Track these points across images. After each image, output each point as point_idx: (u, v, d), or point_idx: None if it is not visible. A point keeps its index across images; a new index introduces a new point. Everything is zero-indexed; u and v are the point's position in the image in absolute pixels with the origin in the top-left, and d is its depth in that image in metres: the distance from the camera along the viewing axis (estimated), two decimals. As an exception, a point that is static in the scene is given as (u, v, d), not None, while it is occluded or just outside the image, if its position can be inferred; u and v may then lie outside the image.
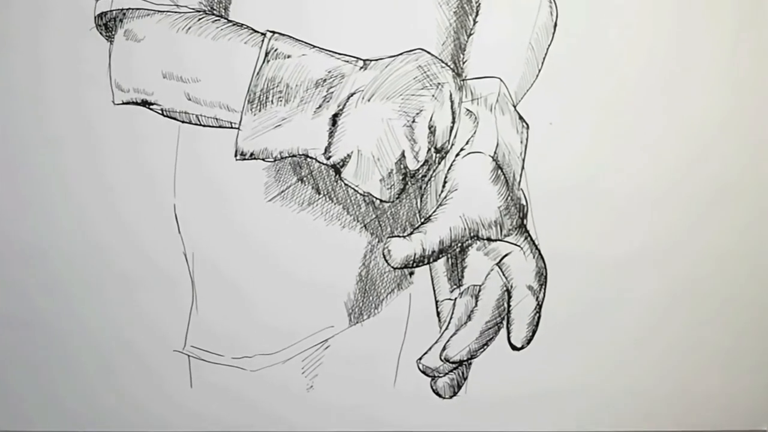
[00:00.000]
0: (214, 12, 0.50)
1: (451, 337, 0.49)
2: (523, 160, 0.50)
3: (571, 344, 0.56)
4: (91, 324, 0.54)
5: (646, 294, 0.56)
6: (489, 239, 0.49)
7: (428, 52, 0.48)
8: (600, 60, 0.53)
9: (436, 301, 0.51)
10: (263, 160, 0.48)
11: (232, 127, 0.49)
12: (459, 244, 0.48)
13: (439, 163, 0.49)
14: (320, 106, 0.47)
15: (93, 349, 0.54)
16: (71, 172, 0.53)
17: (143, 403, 0.55)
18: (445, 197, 0.48)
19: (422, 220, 0.49)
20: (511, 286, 0.49)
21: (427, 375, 0.50)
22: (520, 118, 0.50)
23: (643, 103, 0.54)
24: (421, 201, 0.51)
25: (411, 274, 0.54)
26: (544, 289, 0.50)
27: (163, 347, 0.54)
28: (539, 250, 0.50)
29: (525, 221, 0.50)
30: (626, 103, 0.54)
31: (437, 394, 0.51)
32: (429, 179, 0.50)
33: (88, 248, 0.53)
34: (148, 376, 0.55)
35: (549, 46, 0.53)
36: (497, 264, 0.49)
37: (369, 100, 0.47)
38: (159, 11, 0.49)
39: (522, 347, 0.50)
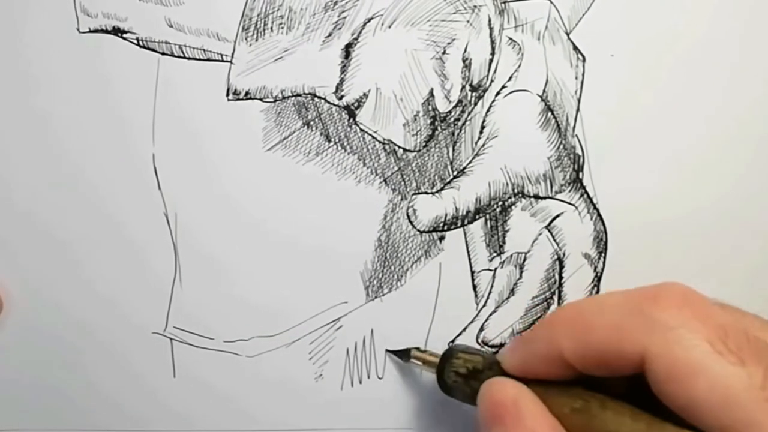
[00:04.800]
0: None
1: (491, 315, 0.49)
2: (579, 101, 0.49)
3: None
4: (49, 303, 0.52)
5: (729, 265, 0.53)
6: (536, 197, 0.48)
7: (462, -33, 0.48)
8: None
9: (472, 272, 0.50)
10: (261, 100, 0.48)
11: (223, 61, 0.48)
12: (500, 203, 0.48)
13: (476, 104, 0.48)
14: (330, 35, 0.47)
15: (52, 333, 0.52)
16: (19, 115, 0.50)
17: (116, 397, 0.52)
18: (483, 145, 0.48)
19: (455, 173, 0.48)
20: (564, 254, 0.49)
21: (462, 361, 0.51)
22: (575, 48, 0.49)
23: (722, 26, 0.51)
24: (453, 150, 0.49)
25: (441, 239, 0.51)
26: (604, 258, 0.49)
27: (140, 329, 0.52)
28: (598, 211, 0.49)
29: (581, 175, 0.49)
30: (701, 29, 0.51)
31: (473, 384, 0.51)
32: (463, 123, 0.49)
33: (42, 210, 0.51)
34: (121, 365, 0.52)
35: (610, -41, 0.52)
36: (546, 227, 0.49)
37: (390, 27, 0.46)
38: None
39: (577, 328, 0.49)
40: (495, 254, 0.50)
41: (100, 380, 0.52)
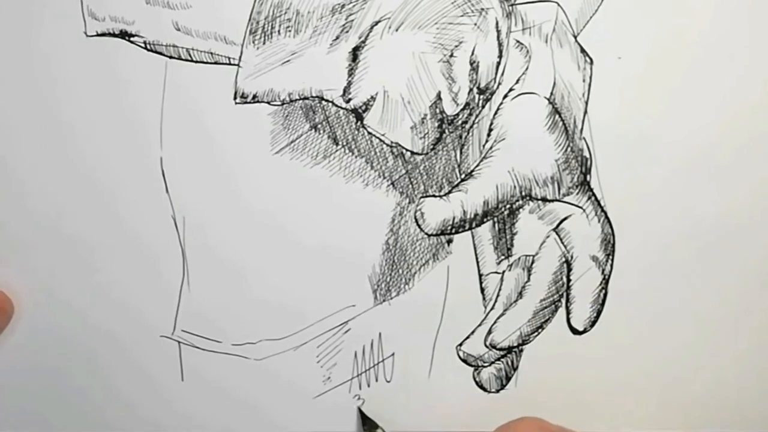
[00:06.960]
0: None
1: (499, 318, 0.50)
2: (586, 103, 0.50)
3: (644, 327, 0.54)
4: (57, 307, 0.52)
5: (737, 267, 0.53)
6: (544, 199, 0.49)
7: (469, -30, 0.48)
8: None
9: (480, 275, 0.51)
10: (268, 103, 0.48)
11: (230, 64, 0.48)
12: (508, 206, 0.48)
13: (483, 107, 0.49)
14: (338, 38, 0.47)
15: (60, 337, 0.52)
16: (28, 119, 0.50)
17: (124, 400, 0.53)
18: (491, 148, 0.48)
19: (462, 176, 0.49)
20: (572, 257, 0.49)
21: (469, 364, 0.50)
22: (582, 51, 0.49)
23: (729, 28, 0.51)
24: (461, 153, 0.50)
25: (449, 242, 0.52)
26: (612, 261, 0.50)
27: (148, 332, 0.53)
28: (606, 213, 0.50)
29: (588, 177, 0.50)
30: (708, 31, 0.51)
31: (481, 387, 0.51)
32: (471, 126, 0.49)
33: (51, 213, 0.51)
34: (129, 368, 0.53)
35: (617, -39, 0.52)
36: (554, 230, 0.49)
37: (397, 30, 0.47)
38: None
39: (584, 330, 0.51)
40: (503, 257, 0.50)
41: (108, 383, 0.53)
